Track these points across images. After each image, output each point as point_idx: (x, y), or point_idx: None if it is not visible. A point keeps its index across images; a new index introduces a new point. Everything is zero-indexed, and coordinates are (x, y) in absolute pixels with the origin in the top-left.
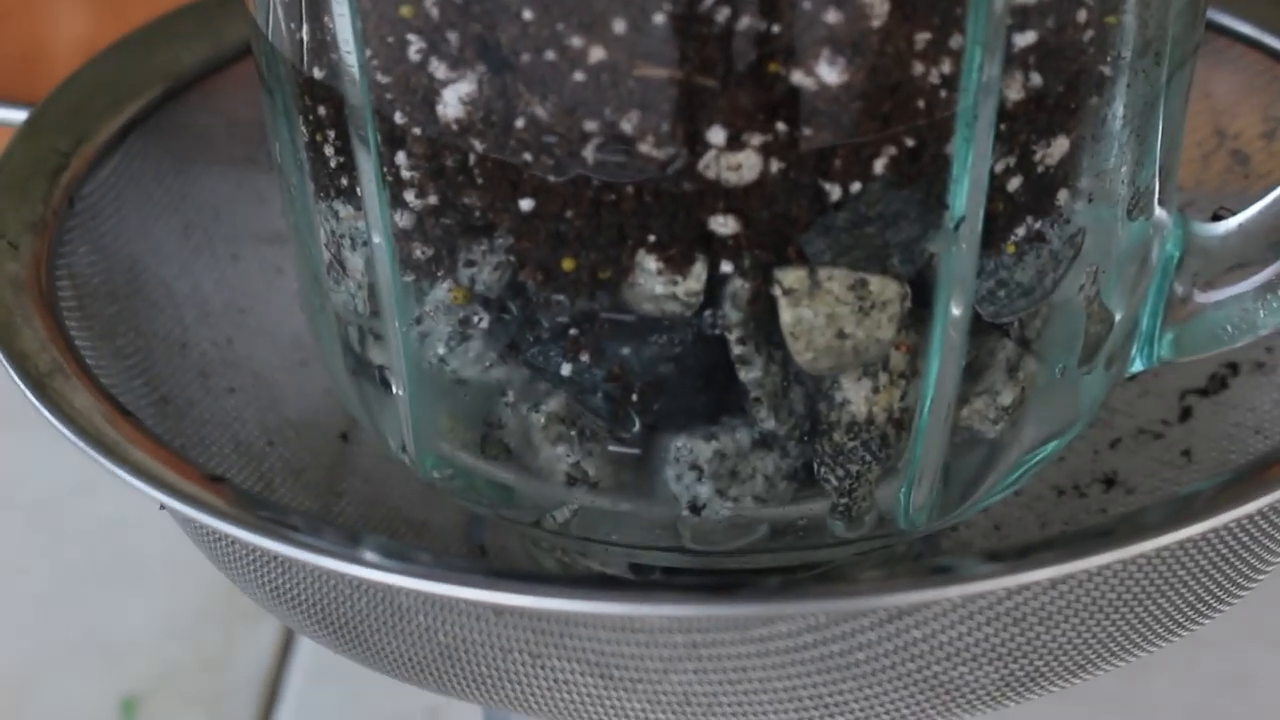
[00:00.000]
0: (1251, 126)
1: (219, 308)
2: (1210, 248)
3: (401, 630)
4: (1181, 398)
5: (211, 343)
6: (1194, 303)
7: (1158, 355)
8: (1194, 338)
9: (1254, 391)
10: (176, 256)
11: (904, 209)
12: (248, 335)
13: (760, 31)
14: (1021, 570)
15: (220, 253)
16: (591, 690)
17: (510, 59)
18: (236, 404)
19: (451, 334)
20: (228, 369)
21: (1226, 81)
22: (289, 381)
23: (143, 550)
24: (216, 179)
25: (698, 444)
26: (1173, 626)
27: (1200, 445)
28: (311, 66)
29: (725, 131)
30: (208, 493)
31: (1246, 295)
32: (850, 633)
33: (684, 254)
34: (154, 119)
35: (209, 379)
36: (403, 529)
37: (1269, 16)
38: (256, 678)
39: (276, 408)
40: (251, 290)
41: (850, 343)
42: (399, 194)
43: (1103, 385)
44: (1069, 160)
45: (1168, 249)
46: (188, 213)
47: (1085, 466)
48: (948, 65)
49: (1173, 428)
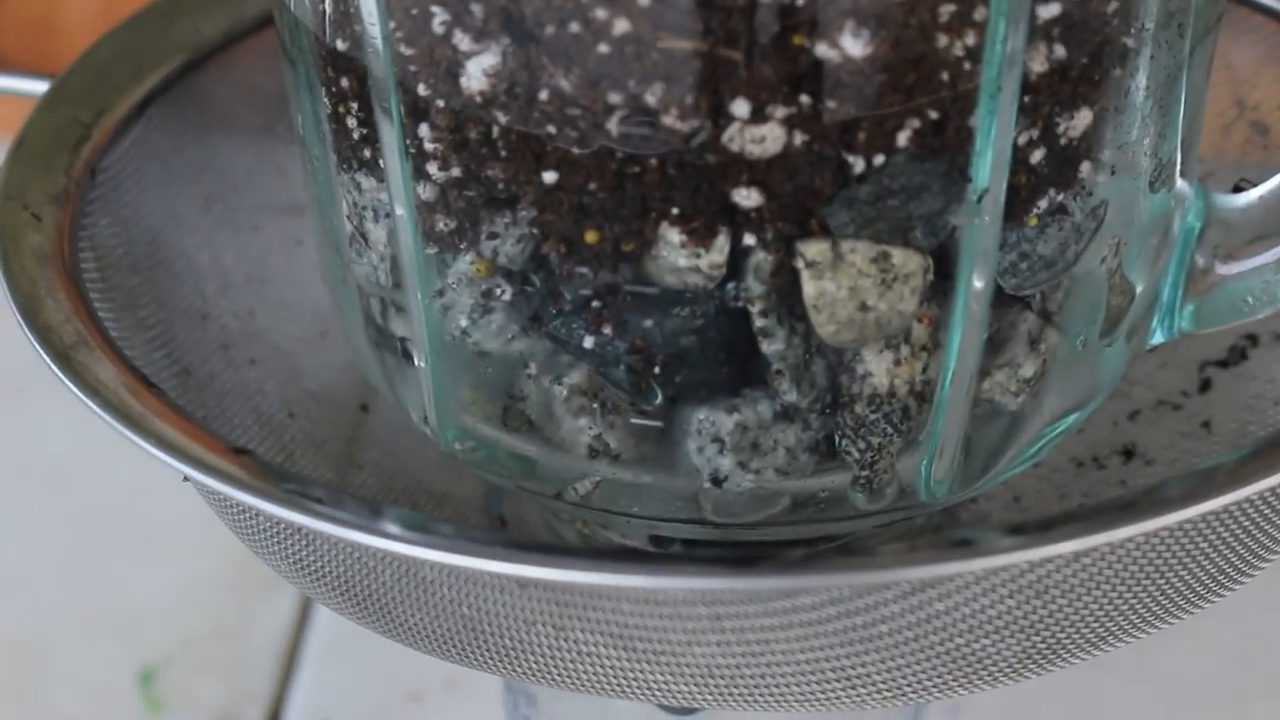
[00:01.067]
0: (1272, 97)
1: (240, 279)
2: (1231, 219)
3: (425, 603)
4: (1201, 369)
5: (233, 314)
6: (1215, 274)
7: (1178, 327)
8: (1215, 309)
9: (1274, 363)
10: (198, 228)
11: (927, 181)
12: (269, 307)
13: (784, 4)
14: (1044, 543)
15: (241, 224)
16: (615, 662)
17: (534, 31)
18: (258, 376)
19: (474, 306)
20: (249, 341)
21: (1247, 52)
22: (310, 353)
23: (161, 520)
24: (237, 150)
25: (719, 416)
26: (1194, 599)
27: (1220, 417)
28: (334, 38)
29: (749, 104)
30: (232, 465)
31: (1268, 267)
32: (873, 605)
33: (707, 226)
34: (174, 90)
35: (230, 351)
36: (423, 500)
37: None
38: (274, 647)
39: (297, 379)
40: (272, 262)
41: (872, 315)
42: (422, 166)
43: (1123, 357)
44: (1092, 132)
45: (1189, 221)
46: (208, 184)
47: (1104, 438)
48: (971, 37)
49: (1192, 399)
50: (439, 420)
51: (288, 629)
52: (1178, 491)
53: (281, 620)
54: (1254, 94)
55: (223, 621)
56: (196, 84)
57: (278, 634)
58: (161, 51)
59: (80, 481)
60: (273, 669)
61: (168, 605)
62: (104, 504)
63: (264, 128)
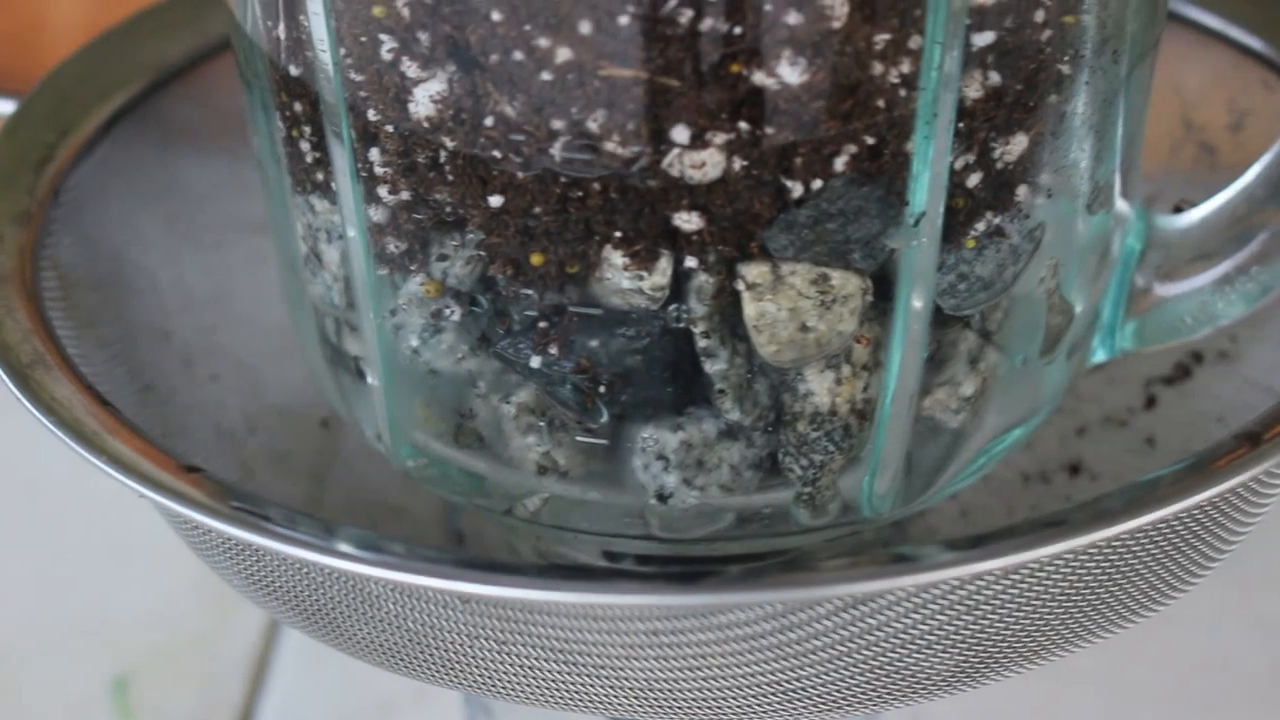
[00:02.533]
0: (1219, 118)
1: (203, 297)
2: (1172, 240)
3: (371, 617)
4: (1147, 386)
5: (195, 331)
6: (1154, 294)
7: (1120, 346)
8: (1155, 328)
9: (1217, 380)
10: (161, 246)
11: (865, 205)
12: (231, 324)
13: (723, 33)
14: (972, 561)
15: (205, 242)
16: (557, 676)
17: (479, 59)
18: (219, 392)
19: (424, 326)
20: (211, 357)
21: (1194, 73)
22: (272, 369)
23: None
24: (201, 169)
25: (664, 434)
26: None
27: (1164, 433)
28: (288, 63)
29: (689, 130)
30: (182, 482)
31: (1205, 288)
32: (807, 621)
33: (649, 249)
34: (139, 110)
35: (192, 367)
36: (382, 515)
37: (1235, 9)
38: (245, 658)
39: (259, 395)
40: (235, 279)
41: (813, 335)
42: (373, 189)
43: (1065, 375)
44: (1028, 157)
45: (1129, 242)
46: (172, 202)
47: (1052, 454)
48: (907, 65)
49: (1138, 416)
50: (392, 437)
51: (259, 639)
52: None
53: (252, 631)
54: (1201, 115)
55: (194, 632)
56: (161, 104)
57: (249, 644)
58: (127, 72)
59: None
60: (243, 679)
61: (140, 615)
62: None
63: (228, 147)
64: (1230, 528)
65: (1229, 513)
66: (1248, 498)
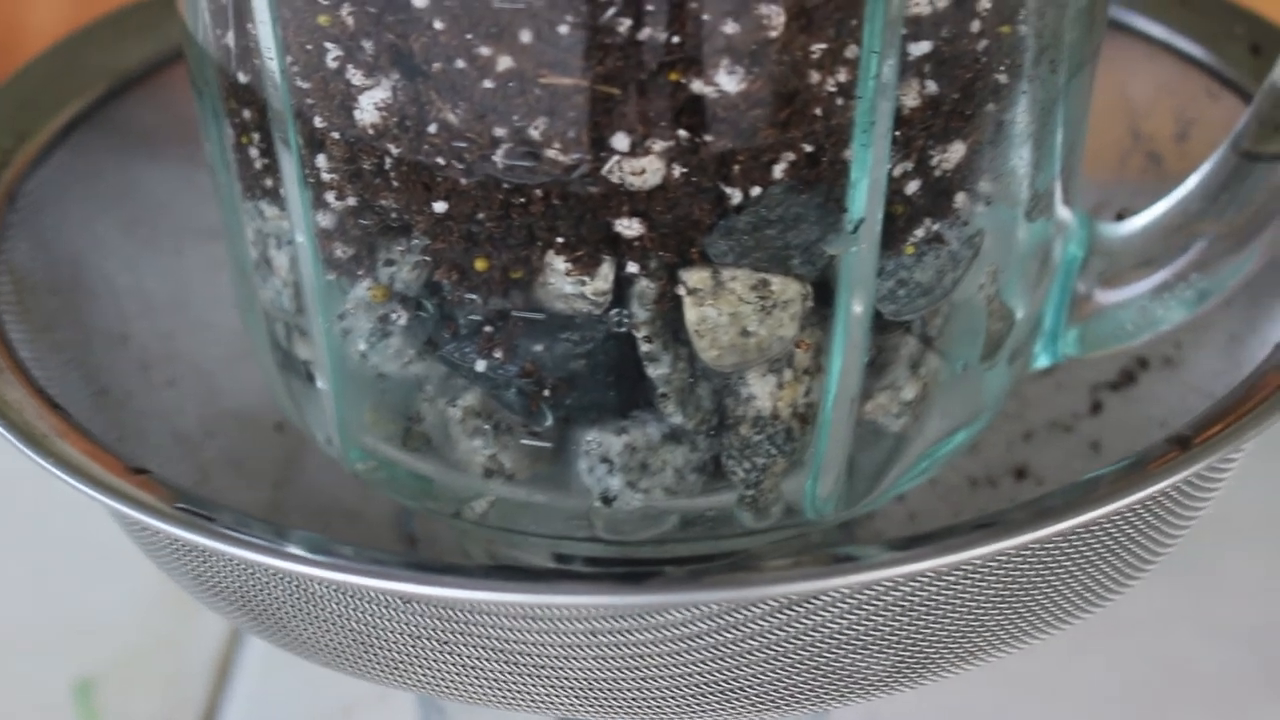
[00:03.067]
0: (1165, 128)
1: (161, 302)
2: (1114, 247)
3: (315, 617)
4: (1093, 392)
5: (153, 336)
6: (1096, 301)
7: (1063, 351)
8: (1097, 335)
9: (1162, 386)
10: (120, 251)
11: (804, 212)
12: (189, 329)
13: (661, 41)
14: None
15: (163, 247)
16: (499, 675)
17: (422, 67)
18: (176, 396)
19: (372, 331)
20: (168, 362)
21: (1142, 83)
22: (229, 374)
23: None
24: (160, 175)
25: (608, 438)
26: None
27: (1109, 438)
28: (237, 71)
29: (629, 138)
30: (129, 484)
31: (1145, 294)
32: (744, 621)
33: (591, 255)
34: (98, 116)
35: (149, 371)
36: (337, 519)
37: (1180, 19)
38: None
39: (216, 400)
40: (194, 284)
41: (754, 340)
42: (320, 195)
43: (1006, 380)
44: (966, 165)
45: (1071, 249)
46: (131, 208)
47: (998, 458)
48: (844, 74)
49: (1083, 421)
50: (342, 441)
51: (222, 642)
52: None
53: (216, 633)
54: (1148, 124)
55: (158, 634)
56: (120, 110)
57: (212, 647)
58: (86, 77)
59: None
60: (207, 682)
61: (104, 618)
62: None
63: (187, 153)
64: (1164, 530)
65: (1162, 515)
66: (1180, 500)
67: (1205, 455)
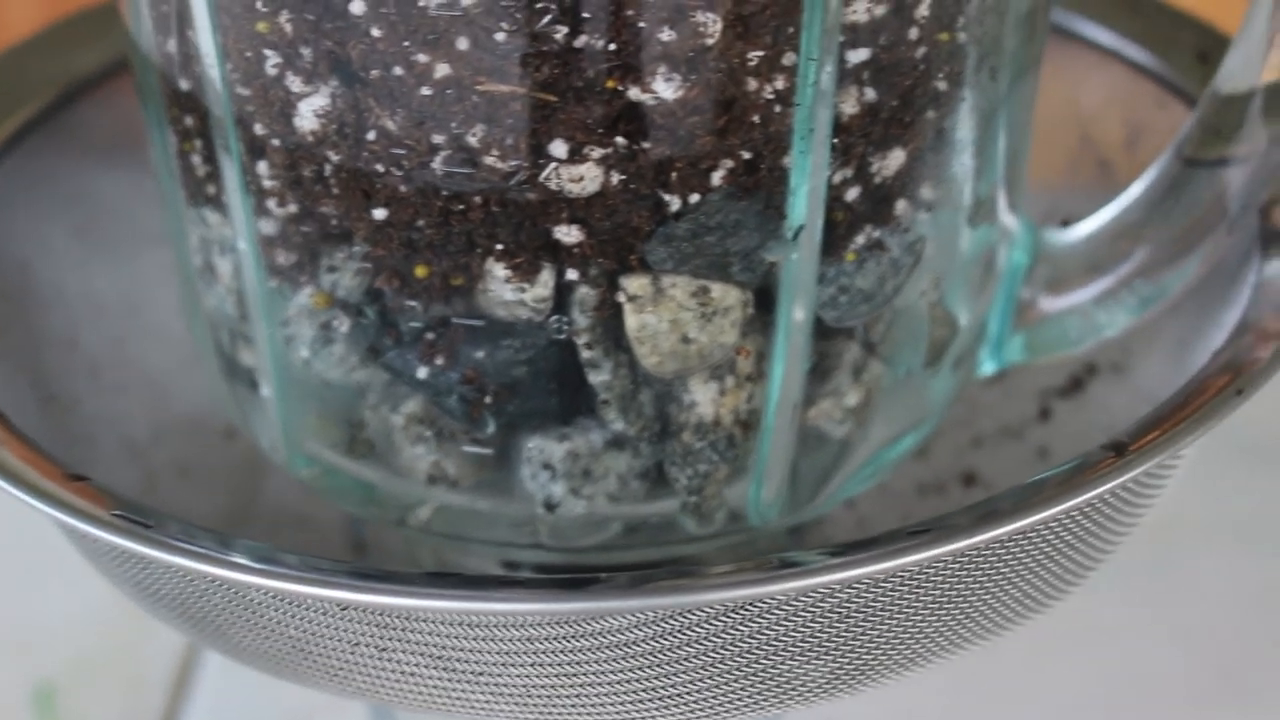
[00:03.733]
0: (1115, 134)
1: (112, 307)
2: (1059, 254)
3: (254, 624)
4: (1042, 398)
5: (103, 342)
6: (1040, 308)
7: (1008, 358)
8: (1043, 341)
9: (1110, 393)
10: (70, 257)
11: (743, 219)
12: (140, 335)
13: (598, 49)
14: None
15: (115, 253)
16: (438, 682)
17: (360, 74)
18: (126, 403)
19: (315, 338)
20: (118, 368)
21: (1092, 90)
22: (179, 380)
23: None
24: (113, 181)
25: (550, 444)
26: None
27: (1057, 445)
28: (179, 78)
29: (566, 145)
30: (66, 491)
31: (1089, 301)
32: (679, 628)
33: (531, 262)
34: (50, 122)
35: (99, 377)
36: (287, 525)
37: (1129, 27)
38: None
39: (166, 406)
40: (146, 290)
41: (694, 347)
42: (262, 202)
43: (951, 386)
44: (906, 171)
45: (1015, 255)
46: (82, 214)
47: (947, 465)
48: (782, 81)
49: (1032, 427)
50: (286, 448)
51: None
52: (965, 520)
53: (176, 639)
54: (1098, 131)
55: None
56: (72, 116)
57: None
58: (38, 83)
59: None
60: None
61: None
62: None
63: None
64: (1104, 535)
65: (1101, 520)
66: (1119, 506)
67: (1140, 462)
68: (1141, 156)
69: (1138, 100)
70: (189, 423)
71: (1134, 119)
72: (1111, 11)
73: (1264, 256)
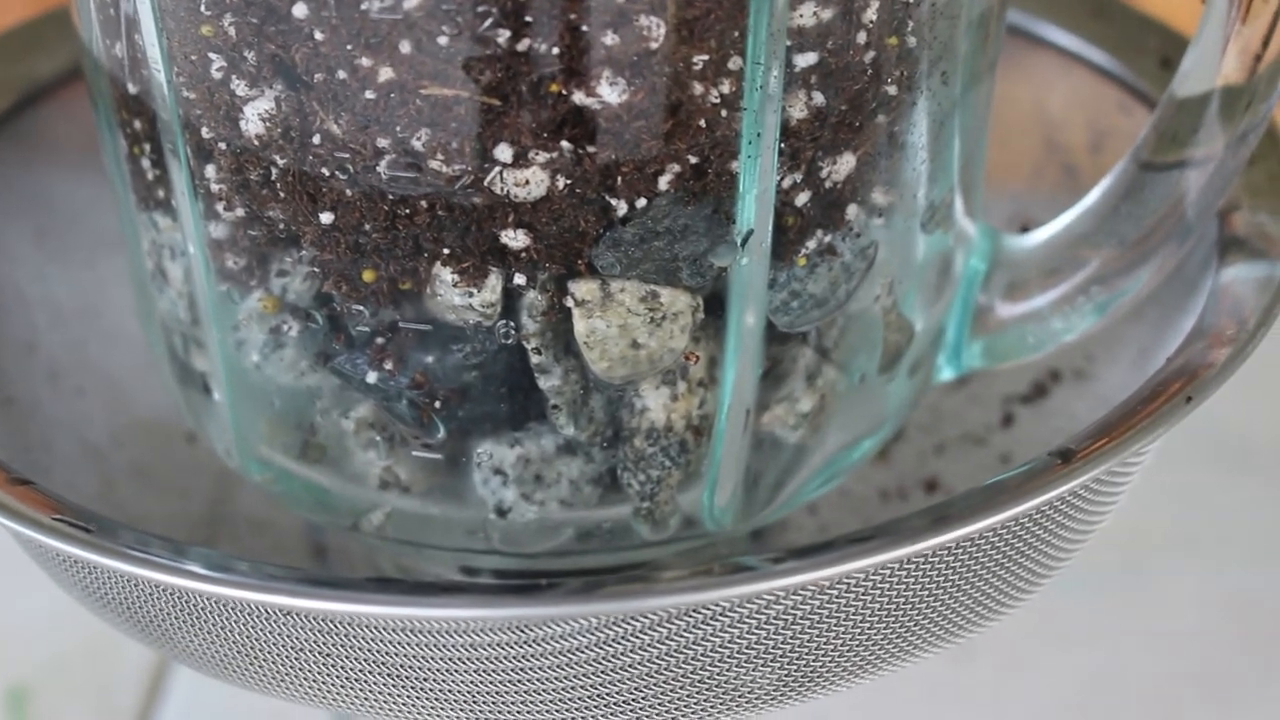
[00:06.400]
0: (1079, 139)
1: (71, 311)
2: (1017, 260)
3: (198, 629)
4: (1005, 404)
5: (63, 345)
6: (997, 314)
7: (967, 364)
8: (1002, 347)
9: (1073, 399)
10: (29, 261)
11: (691, 224)
12: (100, 338)
13: (542, 53)
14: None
15: (75, 258)
16: (383, 688)
17: (304, 77)
18: (85, 406)
19: (265, 342)
20: (78, 371)
21: (1057, 95)
22: (139, 384)
23: None
24: (73, 185)
25: (501, 449)
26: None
27: (1019, 451)
28: (127, 81)
29: (511, 149)
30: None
31: (1046, 307)
32: (622, 636)
33: (478, 267)
34: (9, 126)
35: (58, 381)
36: (243, 529)
37: (1092, 31)
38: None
39: (126, 409)
40: (106, 294)
41: (644, 352)
42: (211, 206)
43: (908, 391)
44: (857, 176)
45: (973, 262)
46: (42, 218)
47: (910, 471)
48: (728, 85)
49: (995, 434)
50: (240, 452)
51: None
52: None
53: None
54: (1063, 136)
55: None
56: (32, 120)
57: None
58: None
59: None
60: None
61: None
62: None
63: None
64: (1057, 542)
65: (1051, 528)
66: (1071, 513)
67: (1087, 469)
68: (1106, 161)
69: (1102, 105)
70: (149, 426)
71: (1098, 123)
72: (1076, 16)
73: (1221, 262)
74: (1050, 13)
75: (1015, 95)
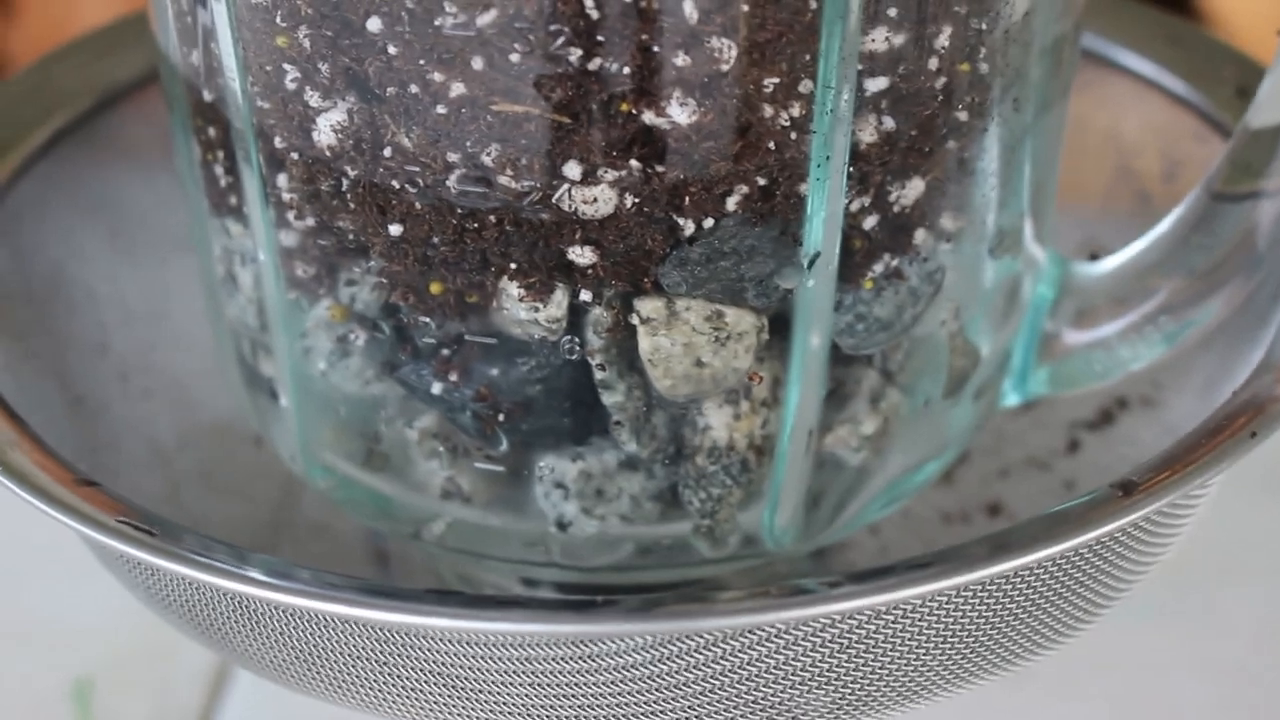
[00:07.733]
0: (1154, 166)
1: (142, 313)
2: (1086, 288)
3: (259, 634)
4: (1070, 430)
5: (132, 346)
6: (1065, 341)
7: (1032, 390)
8: (1069, 374)
9: (1140, 427)
10: (101, 262)
11: (758, 245)
12: (169, 340)
13: (613, 72)
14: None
15: (146, 259)
16: (440, 698)
17: (377, 91)
18: (153, 408)
19: (332, 350)
20: (146, 373)
21: (1132, 121)
22: (207, 387)
23: None
24: (146, 187)
25: (563, 463)
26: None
27: (1084, 478)
28: (203, 89)
29: (580, 166)
30: (75, 496)
31: (1114, 336)
32: (678, 654)
33: (544, 282)
34: (85, 128)
35: (127, 382)
36: (304, 534)
37: (1169, 58)
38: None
39: (193, 412)
40: (175, 296)
41: (708, 371)
42: (282, 214)
43: (971, 416)
44: (926, 201)
45: (1041, 288)
46: (114, 219)
47: (973, 494)
48: (798, 108)
49: (1059, 459)
50: (304, 458)
51: None
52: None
53: None
54: (1137, 163)
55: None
56: (108, 123)
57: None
58: (74, 90)
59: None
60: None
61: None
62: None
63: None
64: (1115, 574)
65: (1111, 559)
66: (1131, 544)
67: (1148, 502)
68: (1179, 190)
69: (1177, 133)
70: (215, 430)
71: (1172, 152)
72: (1152, 41)
73: None
74: (1126, 38)
75: (1089, 120)
